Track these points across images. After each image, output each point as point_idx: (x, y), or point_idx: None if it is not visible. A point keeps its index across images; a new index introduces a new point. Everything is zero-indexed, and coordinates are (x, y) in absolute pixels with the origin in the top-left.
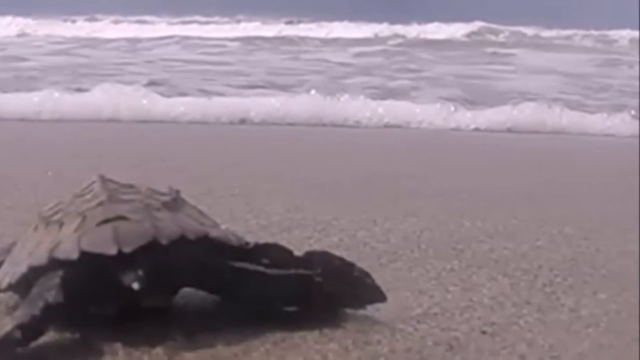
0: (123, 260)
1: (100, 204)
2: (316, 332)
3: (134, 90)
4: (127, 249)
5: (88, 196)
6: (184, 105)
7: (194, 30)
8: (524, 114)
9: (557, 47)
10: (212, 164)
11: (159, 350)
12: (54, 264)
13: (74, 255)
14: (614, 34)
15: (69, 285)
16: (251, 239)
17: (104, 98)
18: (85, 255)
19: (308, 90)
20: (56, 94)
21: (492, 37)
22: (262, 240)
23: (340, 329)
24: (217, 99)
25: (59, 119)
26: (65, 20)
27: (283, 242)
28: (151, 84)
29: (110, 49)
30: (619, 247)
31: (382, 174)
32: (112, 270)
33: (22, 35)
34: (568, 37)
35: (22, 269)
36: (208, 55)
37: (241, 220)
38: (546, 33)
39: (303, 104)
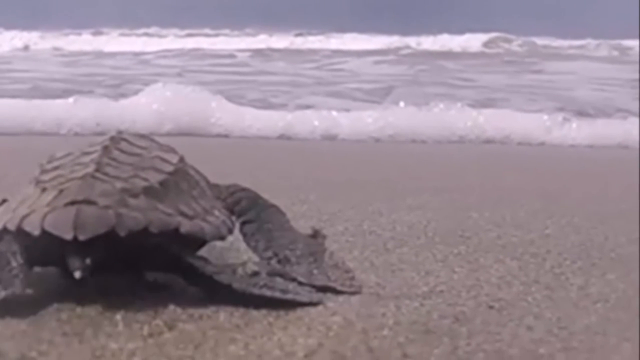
0: (77, 245)
1: (83, 177)
2: (320, 307)
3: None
4: (82, 237)
5: (86, 159)
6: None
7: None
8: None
9: (578, 56)
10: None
11: (159, 321)
12: (21, 232)
13: (36, 232)
14: (626, 43)
15: (30, 253)
16: None
17: None
18: (45, 234)
19: (396, 102)
20: None
21: (507, 46)
22: None
23: (343, 303)
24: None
25: None
26: (66, 35)
27: None
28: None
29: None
30: (628, 235)
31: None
32: (64, 252)
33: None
34: (582, 47)
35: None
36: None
37: None
38: (557, 43)
39: (400, 116)
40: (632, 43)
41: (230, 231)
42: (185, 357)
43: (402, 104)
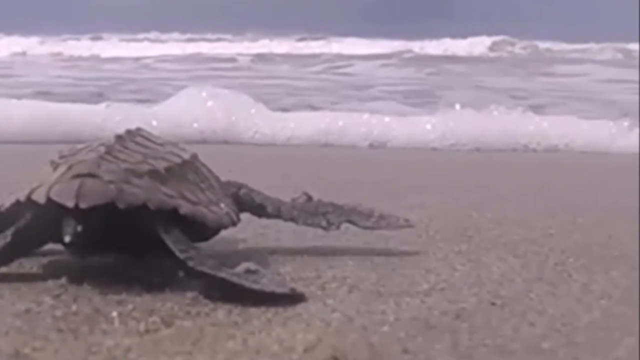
0: (74, 213)
1: (92, 158)
2: (319, 304)
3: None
4: (83, 205)
5: (101, 147)
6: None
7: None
8: None
9: (585, 60)
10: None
11: (155, 318)
12: (30, 203)
13: (42, 200)
14: (630, 46)
15: (36, 223)
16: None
17: None
18: (50, 202)
19: (452, 105)
20: None
21: (511, 49)
22: None
23: (343, 301)
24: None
25: None
26: (65, 40)
27: (286, 230)
28: None
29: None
30: (632, 234)
31: None
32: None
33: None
34: (585, 50)
35: (12, 199)
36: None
37: None
38: (559, 46)
39: (462, 121)
40: (635, 46)
41: (234, 223)
42: (182, 354)
43: (457, 106)
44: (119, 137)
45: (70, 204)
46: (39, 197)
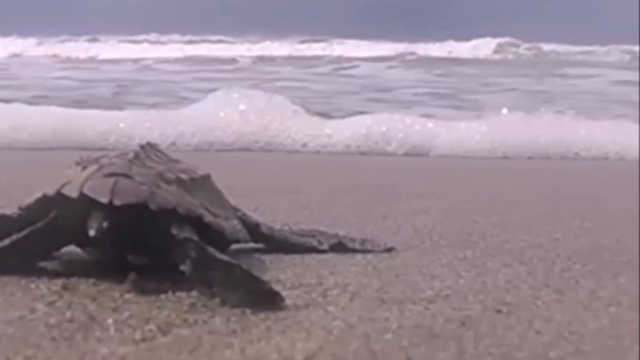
0: (102, 209)
1: (122, 161)
2: (320, 311)
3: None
4: (117, 202)
5: (124, 157)
6: None
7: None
8: None
9: (593, 62)
10: None
11: (152, 326)
12: (60, 197)
13: (74, 194)
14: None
15: (63, 218)
16: None
17: None
18: (82, 197)
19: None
20: None
21: (515, 51)
22: None
23: (345, 308)
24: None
25: None
26: (63, 42)
27: None
28: None
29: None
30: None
31: None
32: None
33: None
34: (591, 52)
35: (38, 195)
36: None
37: None
38: (561, 48)
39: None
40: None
41: (246, 239)
42: None
43: (504, 110)
44: (142, 147)
45: (104, 199)
46: (71, 191)
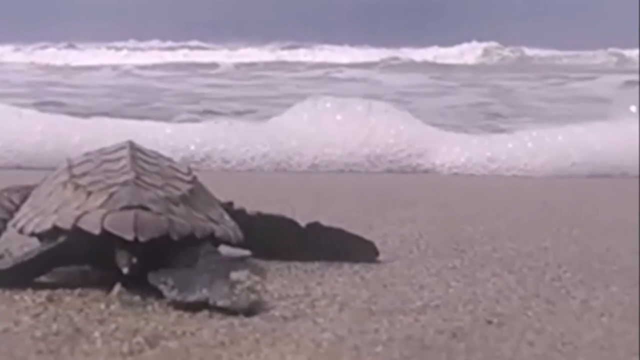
0: (128, 245)
1: (126, 183)
2: (309, 323)
3: None
4: (142, 238)
5: (115, 166)
6: None
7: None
8: None
9: (583, 65)
10: None
11: (139, 338)
12: (77, 231)
13: (96, 231)
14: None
15: (75, 248)
16: None
17: None
18: (104, 233)
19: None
20: None
21: (501, 54)
22: None
23: (334, 319)
24: None
25: None
26: (43, 48)
27: None
28: None
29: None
30: (630, 246)
31: None
32: (113, 249)
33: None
34: (577, 56)
35: (48, 225)
36: None
37: None
38: (545, 53)
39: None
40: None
41: (240, 237)
42: None
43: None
44: (132, 154)
45: (129, 237)
46: (92, 226)
